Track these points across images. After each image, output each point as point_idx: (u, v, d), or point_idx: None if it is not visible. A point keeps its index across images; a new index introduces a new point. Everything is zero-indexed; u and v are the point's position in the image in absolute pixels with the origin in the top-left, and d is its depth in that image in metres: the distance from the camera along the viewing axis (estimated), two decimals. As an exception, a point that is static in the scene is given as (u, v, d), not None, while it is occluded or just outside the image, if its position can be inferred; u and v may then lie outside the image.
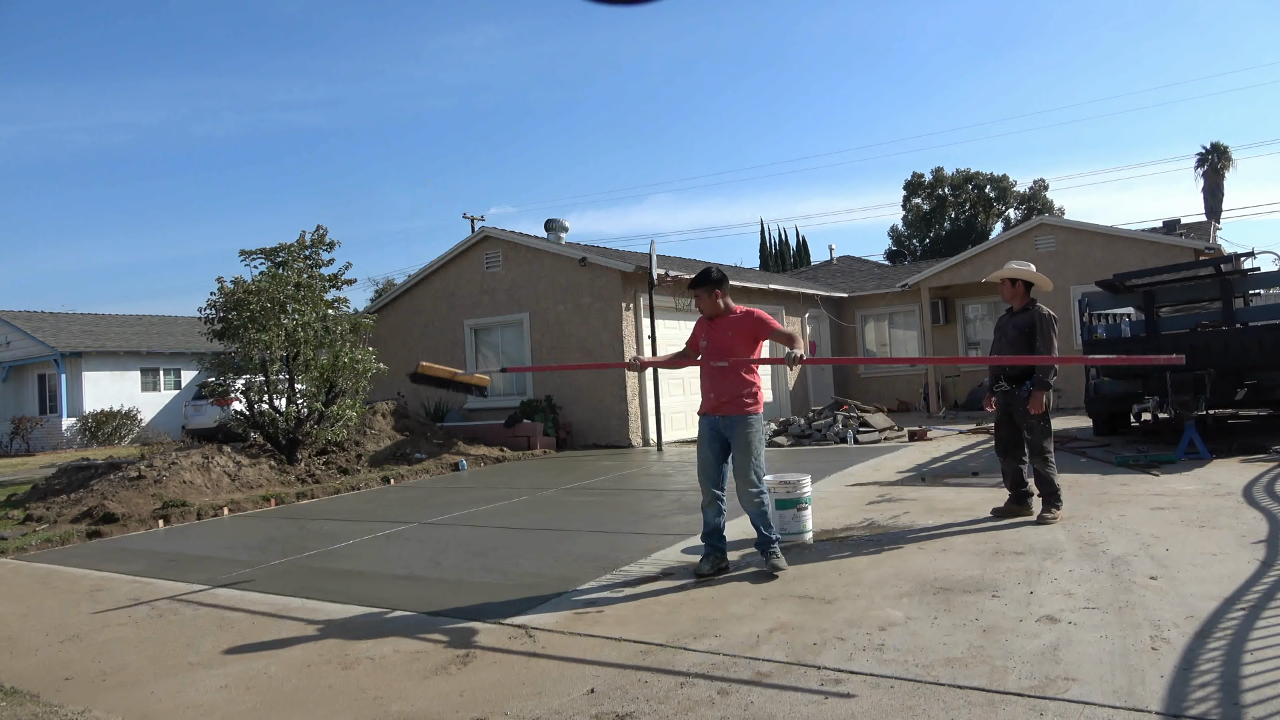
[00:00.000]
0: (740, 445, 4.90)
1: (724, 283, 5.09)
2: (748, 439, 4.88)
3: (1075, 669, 3.08)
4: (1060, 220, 20.71)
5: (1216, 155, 43.95)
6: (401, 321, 16.82)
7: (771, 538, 4.90)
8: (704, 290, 5.09)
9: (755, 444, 4.90)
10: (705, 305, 5.12)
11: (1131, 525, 5.42)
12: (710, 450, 5.02)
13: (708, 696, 3.11)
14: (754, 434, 4.90)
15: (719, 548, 4.99)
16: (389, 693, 3.42)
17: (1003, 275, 6.18)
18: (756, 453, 4.89)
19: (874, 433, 12.47)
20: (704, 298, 5.11)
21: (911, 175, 41.24)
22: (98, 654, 4.23)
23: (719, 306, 5.08)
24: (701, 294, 5.11)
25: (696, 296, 5.15)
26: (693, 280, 5.17)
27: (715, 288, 5.06)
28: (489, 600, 4.74)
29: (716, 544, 4.99)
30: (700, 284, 5.10)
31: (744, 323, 5.01)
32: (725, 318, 5.07)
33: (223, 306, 11.23)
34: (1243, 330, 8.98)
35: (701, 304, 5.13)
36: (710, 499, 5.01)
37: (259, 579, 5.73)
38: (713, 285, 5.06)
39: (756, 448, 4.90)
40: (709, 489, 5.02)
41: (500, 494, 9.16)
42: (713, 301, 5.07)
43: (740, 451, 4.90)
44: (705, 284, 5.07)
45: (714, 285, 5.06)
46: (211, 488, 10.02)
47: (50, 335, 25.58)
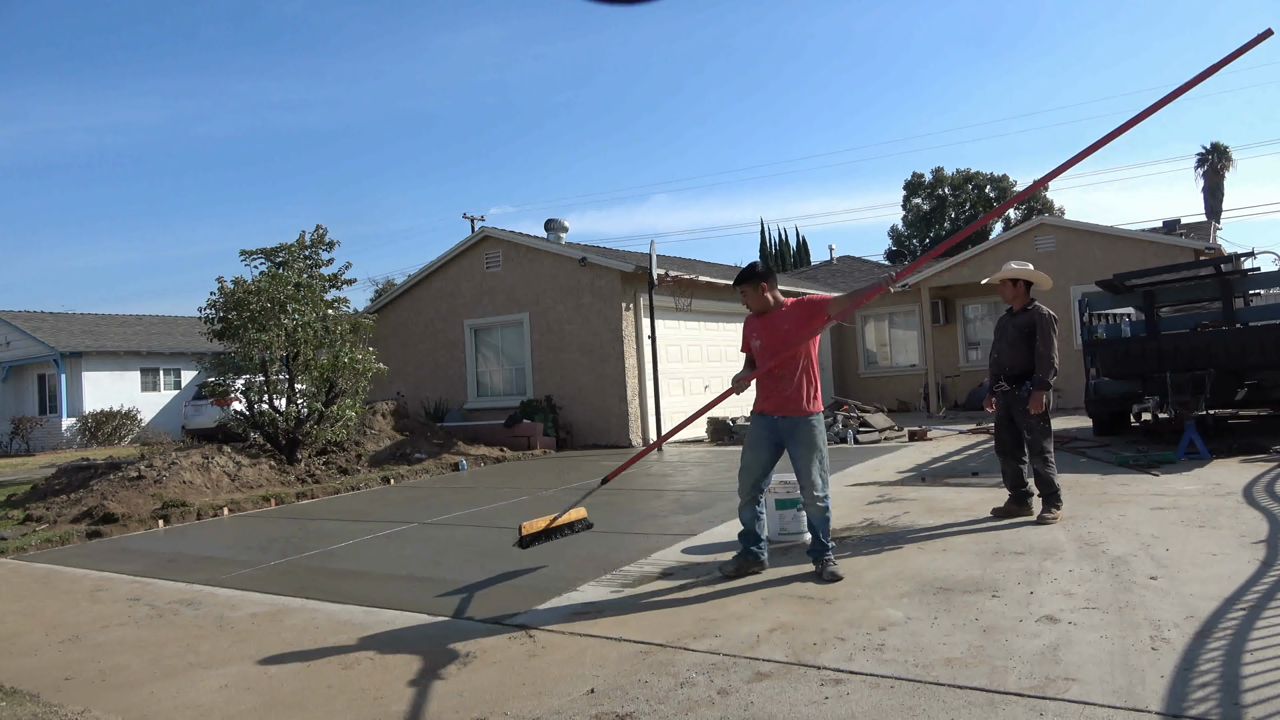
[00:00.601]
0: (804, 447, 4.67)
1: (770, 276, 4.90)
2: (812, 440, 4.67)
3: (1075, 669, 3.08)
4: (1060, 220, 20.72)
5: (1216, 155, 43.97)
6: (401, 321, 16.82)
7: (828, 545, 4.68)
8: (749, 285, 4.86)
9: (820, 445, 4.69)
10: (753, 301, 4.87)
11: (1132, 525, 5.42)
12: (761, 450, 4.81)
13: (708, 696, 3.11)
14: (818, 435, 4.69)
15: (751, 550, 4.83)
16: (389, 693, 3.42)
17: (1003, 276, 6.17)
18: (822, 454, 4.68)
19: (874, 433, 12.47)
20: (750, 293, 4.87)
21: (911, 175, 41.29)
22: (98, 654, 4.23)
23: (768, 301, 4.84)
24: (748, 289, 4.87)
25: (743, 293, 4.90)
26: (738, 276, 4.93)
27: (761, 281, 4.84)
28: (489, 600, 4.74)
29: (750, 546, 4.83)
30: (746, 279, 4.87)
31: (797, 311, 4.77)
32: (777, 312, 4.84)
33: (223, 306, 11.23)
34: (1243, 330, 8.98)
35: (749, 300, 4.89)
36: (749, 500, 4.82)
37: (259, 579, 5.73)
38: (759, 279, 4.84)
39: (822, 449, 4.69)
40: (749, 491, 4.82)
41: (500, 494, 9.15)
42: (760, 296, 4.84)
43: (805, 454, 4.67)
44: (751, 279, 4.85)
45: (760, 279, 4.84)
46: (211, 488, 10.01)
47: (50, 335, 25.58)
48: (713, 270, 17.56)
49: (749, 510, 4.83)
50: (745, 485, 4.85)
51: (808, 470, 4.66)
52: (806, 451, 4.67)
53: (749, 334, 4.96)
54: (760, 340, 4.83)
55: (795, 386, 4.69)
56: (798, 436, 4.68)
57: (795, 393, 4.69)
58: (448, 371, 16.23)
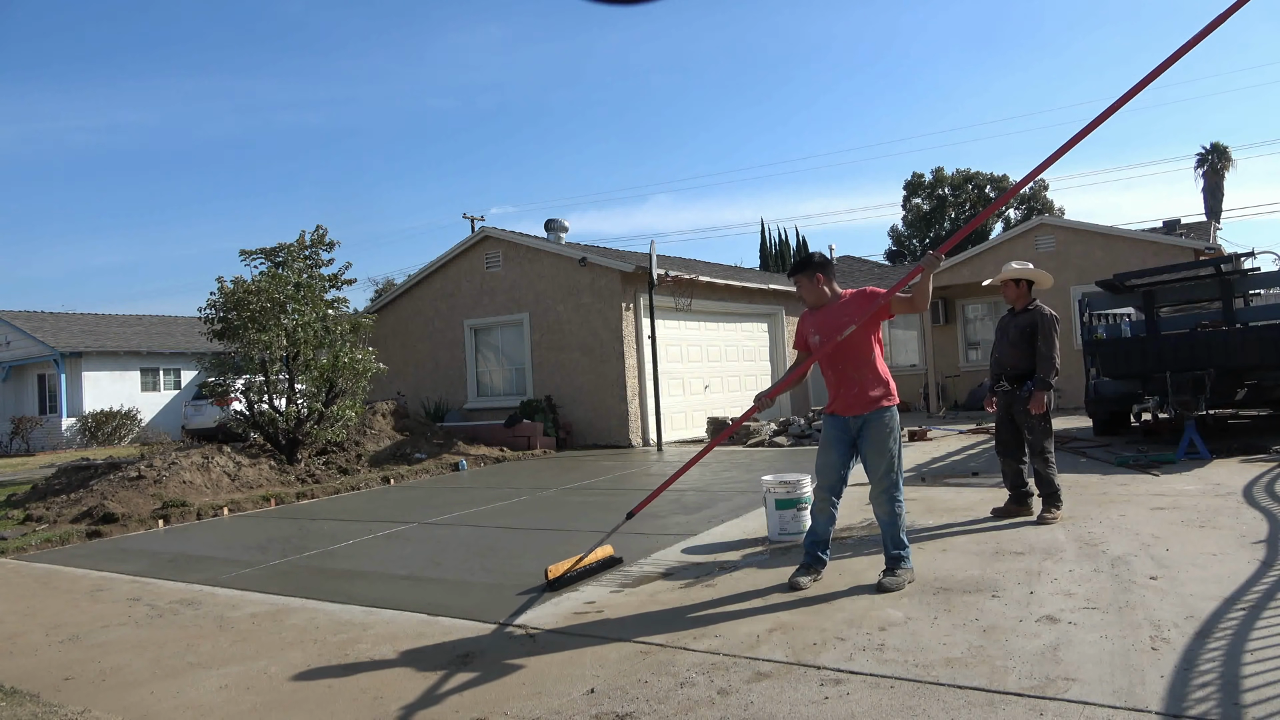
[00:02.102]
0: (876, 446, 4.39)
1: (827, 266, 4.61)
2: (883, 439, 4.38)
3: (1075, 669, 3.08)
4: (1060, 220, 20.72)
5: (1216, 155, 43.95)
6: (401, 321, 16.82)
7: (900, 554, 4.37)
8: (805, 276, 4.58)
9: (892, 444, 4.40)
10: (809, 293, 4.59)
11: (1131, 525, 5.42)
12: (835, 453, 4.50)
13: (708, 696, 3.11)
14: (891, 433, 4.40)
15: (822, 559, 4.58)
16: (389, 693, 3.42)
17: (1004, 278, 6.17)
18: (894, 453, 4.40)
19: (874, 433, 12.44)
20: (806, 284, 4.59)
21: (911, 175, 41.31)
22: (98, 654, 4.23)
23: (824, 294, 4.57)
24: (803, 280, 4.59)
25: (798, 284, 4.63)
26: (793, 266, 4.68)
27: (818, 271, 4.56)
28: (489, 600, 4.74)
29: (821, 554, 4.57)
30: (801, 269, 4.60)
31: (859, 301, 4.46)
32: (835, 304, 4.54)
33: (223, 306, 11.23)
34: (1243, 330, 8.98)
35: (805, 292, 4.61)
36: (823, 505, 4.54)
37: (259, 579, 5.72)
38: (815, 269, 4.56)
39: (894, 447, 4.40)
40: (825, 495, 4.53)
41: (500, 494, 9.15)
42: (816, 288, 4.56)
43: (876, 453, 4.39)
44: (807, 268, 4.58)
45: (816, 269, 4.57)
46: (211, 488, 10.01)
47: (50, 335, 25.57)
48: (713, 270, 17.57)
49: (824, 515, 4.54)
50: (821, 489, 4.57)
51: (880, 468, 4.39)
52: (879, 449, 4.39)
53: (805, 330, 4.63)
54: (819, 336, 4.51)
55: (861, 382, 4.42)
56: (869, 435, 4.41)
57: (862, 389, 4.42)
58: (448, 371, 16.23)
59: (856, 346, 4.44)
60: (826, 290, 4.59)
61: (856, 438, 4.48)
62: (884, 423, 4.40)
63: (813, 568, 4.54)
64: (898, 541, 4.40)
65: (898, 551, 4.39)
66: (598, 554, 5.22)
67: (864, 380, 4.44)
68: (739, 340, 17.08)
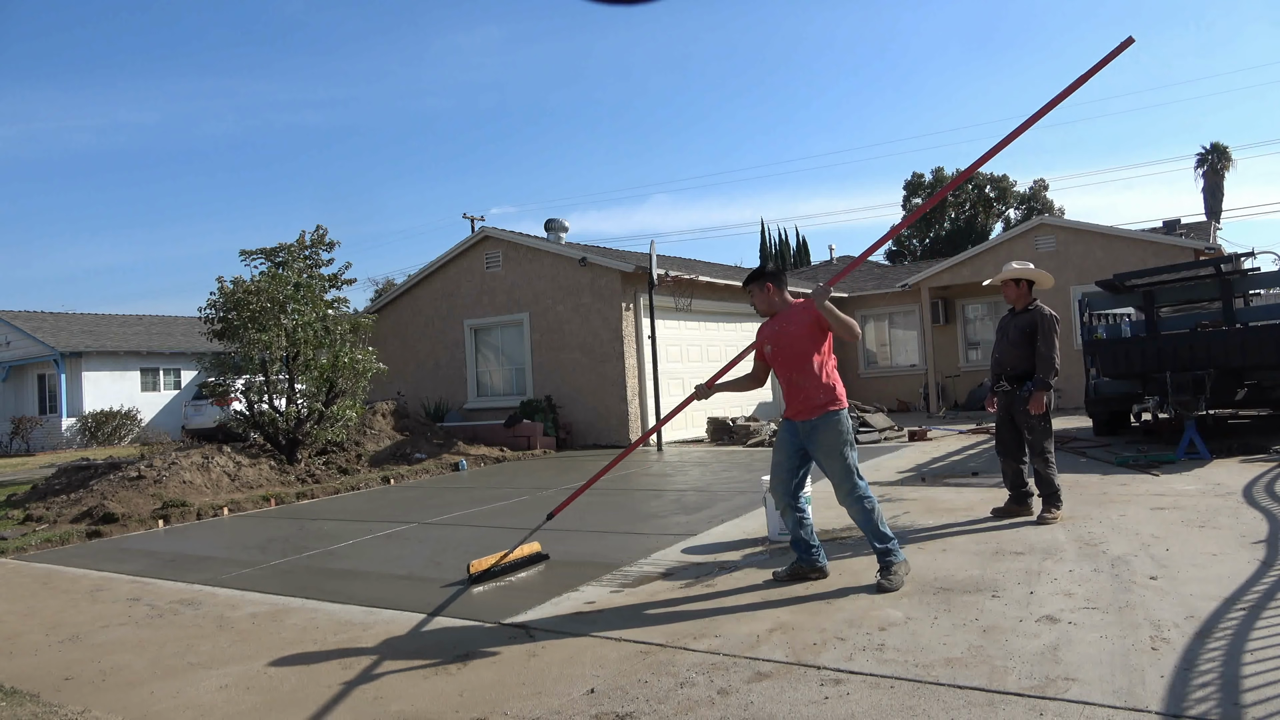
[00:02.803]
0: (825, 450, 4.48)
1: (777, 276, 4.74)
2: (831, 442, 4.46)
3: (1075, 669, 3.08)
4: (1060, 220, 20.71)
5: (1216, 155, 43.93)
6: (401, 321, 16.82)
7: (886, 548, 4.38)
8: (756, 285, 4.72)
9: (842, 445, 4.46)
10: (760, 302, 4.73)
11: (1131, 525, 5.42)
12: (783, 454, 4.65)
13: (708, 696, 3.11)
14: (839, 435, 4.46)
15: (803, 556, 4.62)
16: (389, 693, 3.42)
17: (1004, 278, 6.17)
18: (845, 454, 4.45)
19: (874, 433, 12.47)
20: (757, 294, 4.73)
21: (911, 175, 41.21)
22: (98, 654, 4.23)
23: (774, 302, 4.70)
24: (755, 290, 4.73)
25: (750, 294, 4.77)
26: (746, 277, 4.80)
27: (768, 281, 4.69)
28: (489, 600, 4.74)
29: (801, 553, 4.63)
30: (752, 279, 4.74)
31: (801, 313, 4.58)
32: (785, 312, 4.68)
33: (223, 306, 11.24)
34: (1243, 330, 8.98)
35: (756, 301, 4.75)
36: (784, 507, 4.66)
37: (259, 579, 5.72)
38: (764, 279, 4.70)
39: (844, 449, 4.46)
40: (781, 497, 4.67)
41: (500, 494, 9.15)
42: (767, 297, 4.70)
43: (827, 457, 4.48)
44: (757, 279, 4.72)
45: (766, 279, 4.70)
46: (211, 488, 10.01)
47: (50, 335, 25.57)
48: (713, 270, 17.56)
49: (789, 517, 4.64)
50: (775, 491, 4.71)
51: (834, 472, 4.48)
52: (828, 453, 4.47)
53: (760, 338, 4.79)
54: (770, 345, 4.68)
55: (807, 388, 4.51)
56: (815, 438, 4.51)
57: (808, 395, 4.51)
58: (448, 371, 16.23)
59: (799, 356, 4.56)
60: (776, 299, 4.73)
61: (805, 442, 4.59)
62: (830, 426, 4.49)
63: (792, 563, 4.66)
64: (879, 535, 4.42)
65: (883, 546, 4.41)
66: (524, 550, 5.48)
67: (808, 387, 4.54)
68: (739, 340, 17.06)
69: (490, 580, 5.14)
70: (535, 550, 5.59)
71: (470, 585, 5.05)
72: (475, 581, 5.09)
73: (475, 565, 5.19)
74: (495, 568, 5.23)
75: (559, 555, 5.80)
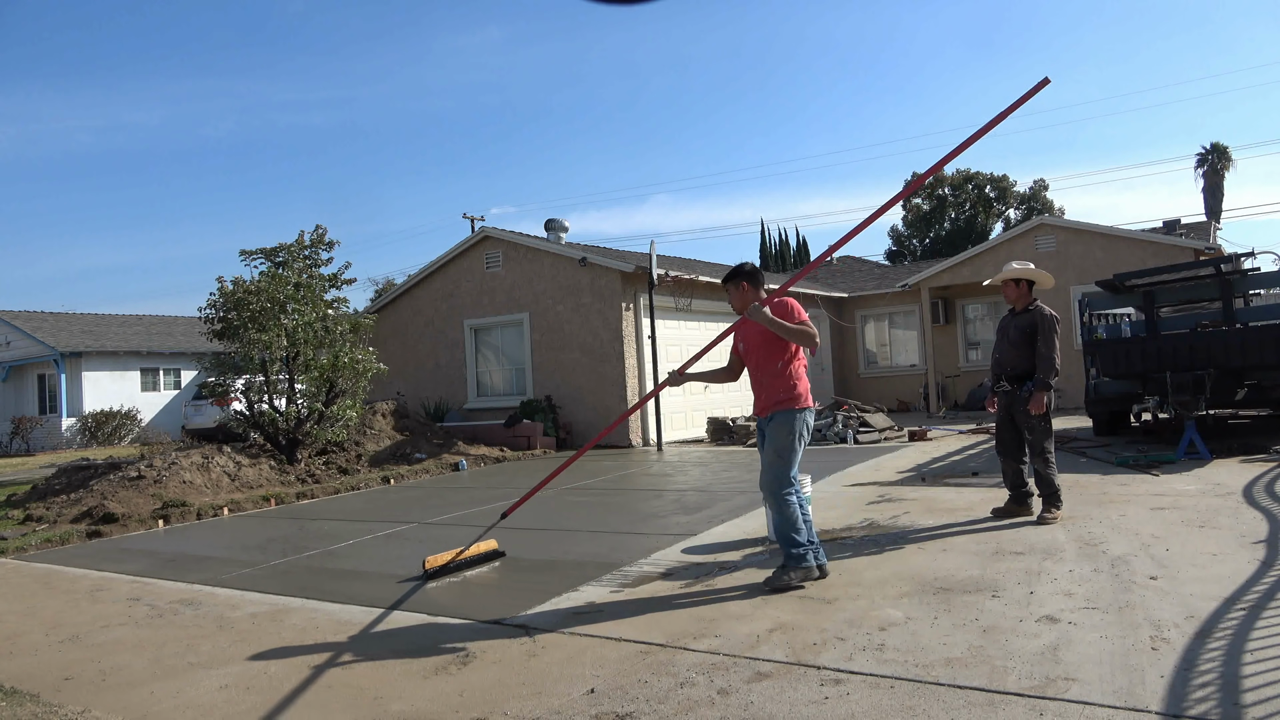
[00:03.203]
0: (770, 441, 4.61)
1: (753, 276, 4.85)
2: (776, 436, 4.58)
3: (1075, 669, 3.08)
4: (1060, 220, 20.72)
5: (1216, 155, 43.92)
6: (401, 321, 16.82)
7: (794, 553, 4.47)
8: (732, 285, 4.85)
9: (782, 442, 4.56)
10: (735, 300, 4.86)
11: (1131, 525, 5.42)
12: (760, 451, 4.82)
13: (708, 696, 3.11)
14: (788, 432, 4.55)
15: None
16: (389, 693, 3.42)
17: (1004, 278, 6.17)
18: (781, 452, 4.56)
19: (874, 433, 12.47)
20: (733, 292, 4.86)
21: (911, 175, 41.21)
22: (98, 654, 4.23)
23: (748, 301, 4.81)
24: (730, 289, 4.87)
25: (728, 293, 4.91)
26: (725, 275, 4.94)
27: (743, 280, 4.81)
28: (489, 600, 4.74)
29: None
30: (729, 278, 4.88)
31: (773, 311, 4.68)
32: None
33: (223, 306, 11.24)
34: (1243, 330, 8.98)
35: (732, 299, 4.88)
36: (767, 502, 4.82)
37: (259, 579, 5.73)
38: (740, 279, 4.82)
39: (787, 444, 4.55)
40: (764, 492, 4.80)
41: (500, 494, 9.15)
42: (742, 295, 4.82)
43: (768, 447, 4.62)
44: (734, 278, 4.85)
45: (742, 279, 4.82)
46: (211, 488, 10.01)
47: (50, 335, 25.57)
48: (713, 270, 17.54)
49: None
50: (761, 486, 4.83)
51: (767, 464, 4.62)
52: (769, 447, 4.63)
53: (736, 337, 4.93)
54: (743, 344, 4.86)
55: (769, 386, 4.67)
56: (767, 433, 4.66)
57: (771, 392, 4.66)
58: (448, 371, 16.23)
59: (764, 355, 4.70)
60: (750, 299, 4.82)
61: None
62: (780, 422, 4.60)
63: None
64: (784, 539, 4.53)
65: (785, 549, 4.52)
66: (480, 547, 5.70)
67: (768, 386, 4.68)
68: (739, 340, 17.06)
69: (446, 576, 5.34)
70: (492, 548, 5.81)
71: (426, 581, 5.24)
72: (431, 578, 5.28)
73: (430, 561, 5.40)
74: (452, 564, 5.44)
75: (557, 555, 5.80)
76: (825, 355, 19.82)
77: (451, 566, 5.42)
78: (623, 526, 6.90)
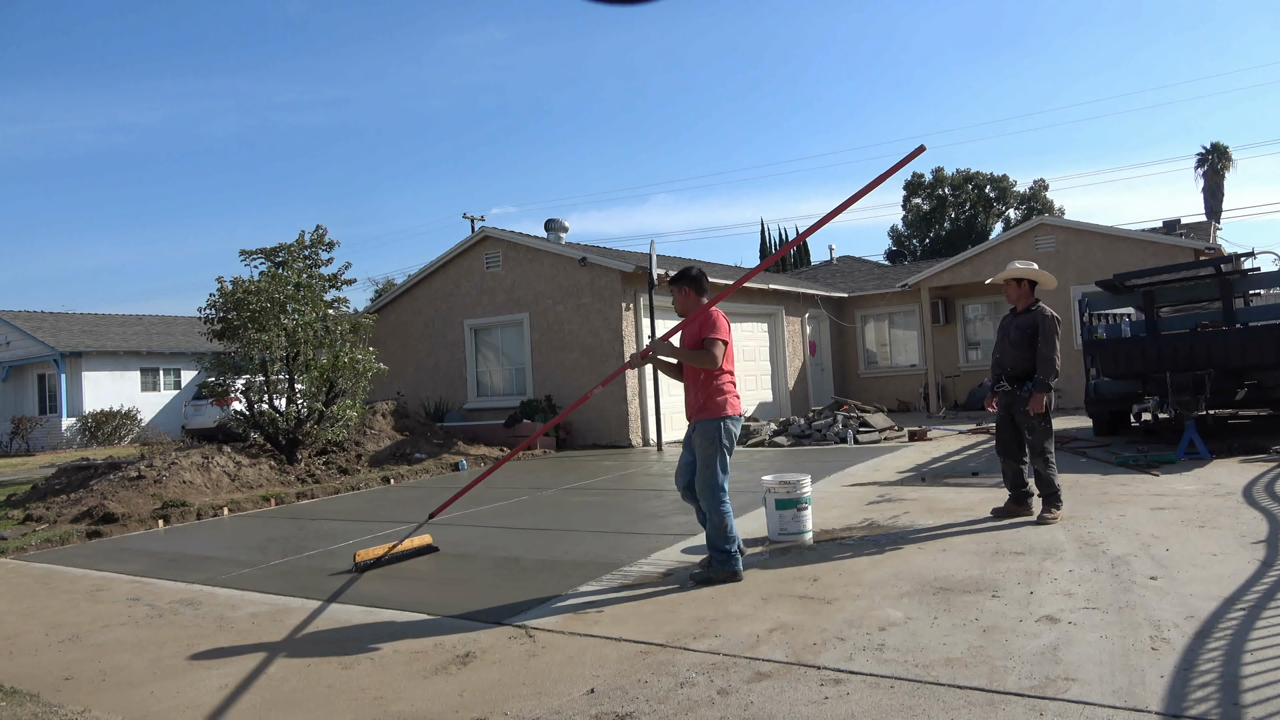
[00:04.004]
0: (698, 450, 4.78)
1: (696, 281, 4.96)
2: (703, 444, 4.75)
3: (1075, 669, 3.08)
4: (1060, 220, 20.71)
5: (1216, 155, 43.92)
6: (401, 321, 16.82)
7: (725, 551, 4.67)
8: (675, 287, 5.02)
9: (710, 449, 4.71)
10: (678, 303, 5.04)
11: (1131, 525, 5.42)
12: (685, 451, 5.00)
13: (708, 696, 3.11)
14: (712, 438, 4.71)
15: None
16: (389, 693, 3.42)
17: (1007, 276, 6.17)
18: (707, 460, 4.71)
19: (874, 433, 12.47)
20: (676, 295, 5.04)
21: (911, 175, 41.21)
22: (98, 654, 4.23)
23: (687, 305, 4.99)
24: (674, 291, 5.05)
25: (672, 295, 5.09)
26: (671, 278, 5.10)
27: (685, 285, 4.97)
28: (489, 600, 4.74)
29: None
30: (673, 281, 5.05)
31: (695, 320, 4.86)
32: (691, 317, 4.95)
33: (222, 306, 11.23)
34: (1243, 330, 8.98)
35: (675, 302, 5.07)
36: (684, 498, 5.06)
37: (259, 579, 5.72)
38: (682, 283, 4.98)
39: (711, 454, 4.71)
40: (682, 491, 5.03)
41: (500, 494, 9.15)
42: (684, 299, 4.98)
43: (698, 456, 4.79)
44: (677, 281, 5.00)
45: (684, 283, 4.97)
46: (211, 488, 10.01)
47: (50, 335, 25.57)
48: (713, 270, 17.54)
49: (697, 513, 4.95)
50: (678, 484, 5.05)
51: (699, 470, 4.77)
52: (699, 454, 4.78)
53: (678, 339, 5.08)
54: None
55: (694, 393, 4.83)
56: (695, 440, 4.81)
57: (695, 399, 4.83)
58: (448, 371, 16.23)
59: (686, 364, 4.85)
60: (691, 303, 4.98)
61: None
62: (705, 430, 4.76)
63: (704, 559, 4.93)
64: (713, 541, 4.72)
65: (713, 550, 4.73)
66: (414, 542, 5.98)
67: (696, 392, 4.83)
68: (739, 340, 17.06)
69: (378, 568, 5.60)
70: (426, 542, 6.07)
71: (359, 573, 5.50)
72: (363, 570, 5.53)
73: (361, 555, 5.69)
74: (385, 557, 5.71)
75: (559, 555, 5.80)
76: (825, 355, 19.82)
77: (385, 560, 5.70)
78: (623, 526, 6.90)
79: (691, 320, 4.85)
